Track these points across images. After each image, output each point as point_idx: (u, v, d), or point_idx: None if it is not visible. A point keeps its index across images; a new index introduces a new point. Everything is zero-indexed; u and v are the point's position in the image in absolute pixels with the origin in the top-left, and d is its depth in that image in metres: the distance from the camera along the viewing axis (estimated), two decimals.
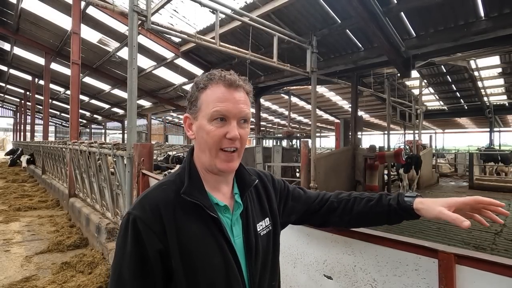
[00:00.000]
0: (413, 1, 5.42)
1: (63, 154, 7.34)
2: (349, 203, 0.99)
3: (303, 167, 5.97)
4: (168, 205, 0.75)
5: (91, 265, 3.63)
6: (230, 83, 0.78)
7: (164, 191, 0.78)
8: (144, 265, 0.70)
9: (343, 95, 15.08)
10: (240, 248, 0.81)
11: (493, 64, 10.14)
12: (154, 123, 30.28)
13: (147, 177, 3.17)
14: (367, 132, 29.67)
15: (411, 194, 0.92)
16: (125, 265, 0.71)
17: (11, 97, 24.76)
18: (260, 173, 0.98)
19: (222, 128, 0.76)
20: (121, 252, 0.72)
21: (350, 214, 0.98)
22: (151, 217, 0.72)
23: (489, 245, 4.14)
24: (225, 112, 0.76)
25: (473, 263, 0.86)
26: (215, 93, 0.77)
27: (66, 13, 9.01)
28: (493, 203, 0.84)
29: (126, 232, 0.72)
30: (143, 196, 0.78)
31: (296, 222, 1.05)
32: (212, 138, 0.77)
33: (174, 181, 0.80)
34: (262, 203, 0.91)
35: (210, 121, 0.76)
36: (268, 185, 0.96)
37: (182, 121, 3.56)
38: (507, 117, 19.51)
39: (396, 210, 0.91)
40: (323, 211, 1.01)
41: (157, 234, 0.71)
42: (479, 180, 9.99)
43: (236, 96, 0.78)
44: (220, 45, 4.75)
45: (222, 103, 0.76)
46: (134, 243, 0.71)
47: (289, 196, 1.01)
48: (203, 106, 0.78)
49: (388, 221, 0.96)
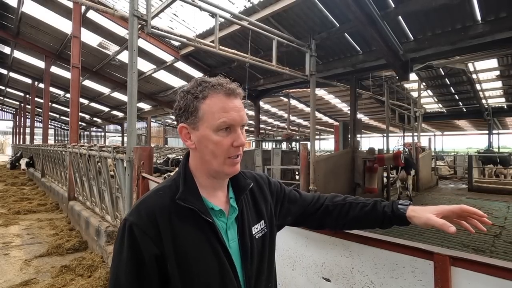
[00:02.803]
0: (410, 5, 5.47)
1: (63, 157, 7.34)
2: (344, 207, 1.02)
3: (302, 169, 5.98)
4: (163, 211, 0.76)
5: (91, 268, 3.63)
6: (231, 92, 0.79)
7: (160, 197, 0.79)
8: (140, 270, 0.72)
9: (342, 97, 15.12)
10: (236, 252, 0.82)
11: (491, 67, 10.19)
12: (154, 126, 30.29)
13: (147, 180, 3.18)
14: (366, 134, 29.71)
15: (405, 202, 0.97)
16: (122, 270, 0.73)
17: (11, 100, 24.78)
18: (256, 176, 1.00)
19: (228, 137, 0.79)
20: (118, 258, 0.74)
21: (345, 219, 1.02)
22: (147, 223, 0.74)
23: (488, 247, 4.14)
24: (232, 122, 0.78)
25: (468, 265, 0.87)
26: (217, 103, 0.78)
27: (66, 17, 9.06)
28: (477, 213, 0.89)
29: (123, 238, 0.74)
30: (139, 202, 0.80)
31: (292, 224, 1.08)
32: (221, 148, 0.78)
33: (170, 187, 0.82)
34: (257, 206, 0.93)
35: (216, 131, 0.78)
36: (264, 188, 0.98)
37: None
38: (505, 119, 19.55)
39: (391, 218, 0.96)
40: (319, 214, 1.04)
41: (153, 239, 0.73)
42: (478, 183, 10.01)
43: (237, 104, 0.80)
44: (219, 49, 4.78)
45: (227, 113, 0.77)
46: (130, 248, 0.73)
47: (285, 198, 1.03)
48: (207, 117, 0.78)
49: (381, 226, 1.01)
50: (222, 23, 7.06)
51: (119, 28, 9.33)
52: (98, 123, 30.55)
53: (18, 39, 11.26)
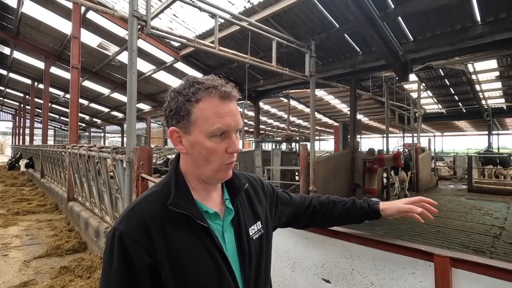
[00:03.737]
0: (410, 6, 5.47)
1: (62, 157, 7.34)
2: (329, 206, 1.10)
3: (302, 170, 5.98)
4: (155, 218, 0.73)
5: (90, 269, 3.62)
6: (226, 96, 0.75)
7: (151, 203, 0.75)
8: (131, 281, 0.69)
9: (342, 98, 15.13)
10: (233, 254, 0.80)
11: (491, 68, 10.21)
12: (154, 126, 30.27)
13: (146, 181, 3.17)
14: (366, 135, 29.72)
15: (376, 200, 1.11)
16: (112, 282, 0.69)
17: (10, 101, 24.77)
18: (249, 177, 0.99)
19: (222, 143, 0.75)
20: (108, 269, 0.70)
21: (330, 216, 1.09)
22: (138, 231, 0.70)
23: (488, 248, 4.14)
24: (226, 128, 0.74)
25: (469, 267, 0.87)
26: (212, 108, 0.74)
27: (66, 18, 9.06)
28: (430, 202, 1.05)
29: (112, 248, 0.70)
30: (129, 209, 0.75)
31: (284, 225, 1.09)
32: (215, 154, 0.75)
33: (161, 192, 0.78)
34: (253, 206, 0.91)
35: (210, 137, 0.74)
36: (258, 189, 0.97)
37: None
38: (505, 120, 19.57)
39: (368, 212, 1.07)
40: (307, 214, 1.09)
41: (144, 248, 0.69)
42: (478, 183, 10.00)
43: (232, 108, 0.76)
44: (219, 49, 4.77)
45: (222, 119, 0.74)
46: (120, 259, 0.69)
47: (279, 200, 1.04)
48: (200, 122, 0.74)
49: (359, 221, 1.10)
50: (222, 24, 7.06)
51: (118, 29, 9.33)
52: (98, 123, 30.54)
53: (18, 39, 11.27)
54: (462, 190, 10.08)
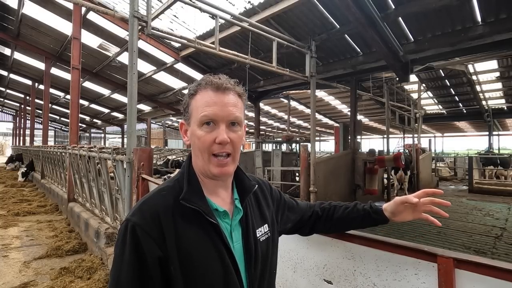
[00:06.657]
0: (410, 7, 5.47)
1: (63, 158, 7.33)
2: (330, 211, 1.11)
3: (302, 171, 5.97)
4: (167, 211, 0.74)
5: (90, 270, 3.61)
6: (218, 87, 0.78)
7: (164, 197, 0.77)
8: (142, 272, 0.70)
9: (342, 99, 15.13)
10: (240, 254, 0.80)
11: (491, 68, 10.20)
12: (154, 127, 30.29)
13: (146, 181, 3.17)
14: (366, 136, 29.71)
15: (379, 203, 1.10)
16: (124, 272, 0.70)
17: (11, 102, 24.78)
18: (259, 180, 1.00)
19: (211, 133, 0.77)
20: (119, 260, 0.71)
21: (331, 221, 1.09)
22: (150, 223, 0.72)
23: (489, 249, 4.12)
24: (213, 116, 0.76)
25: (472, 267, 0.86)
26: (203, 98, 0.78)
27: (66, 19, 9.07)
28: (432, 192, 1.01)
29: (125, 239, 0.71)
30: (142, 202, 0.77)
31: (289, 232, 1.10)
32: (203, 143, 0.77)
33: (173, 187, 0.80)
34: (261, 209, 0.92)
35: (200, 126, 0.77)
36: (266, 193, 0.98)
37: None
38: (505, 120, 19.56)
39: (370, 213, 1.06)
40: (311, 221, 1.10)
41: (156, 241, 0.71)
42: (478, 184, 9.98)
43: (225, 99, 0.78)
44: (219, 50, 4.77)
45: (209, 107, 0.76)
46: (132, 250, 0.70)
47: (286, 206, 1.04)
48: (194, 112, 0.79)
49: (361, 225, 1.09)
50: (222, 25, 7.07)
51: (119, 30, 9.34)
52: (98, 124, 30.55)
53: (19, 40, 11.28)
54: (463, 191, 10.07)
